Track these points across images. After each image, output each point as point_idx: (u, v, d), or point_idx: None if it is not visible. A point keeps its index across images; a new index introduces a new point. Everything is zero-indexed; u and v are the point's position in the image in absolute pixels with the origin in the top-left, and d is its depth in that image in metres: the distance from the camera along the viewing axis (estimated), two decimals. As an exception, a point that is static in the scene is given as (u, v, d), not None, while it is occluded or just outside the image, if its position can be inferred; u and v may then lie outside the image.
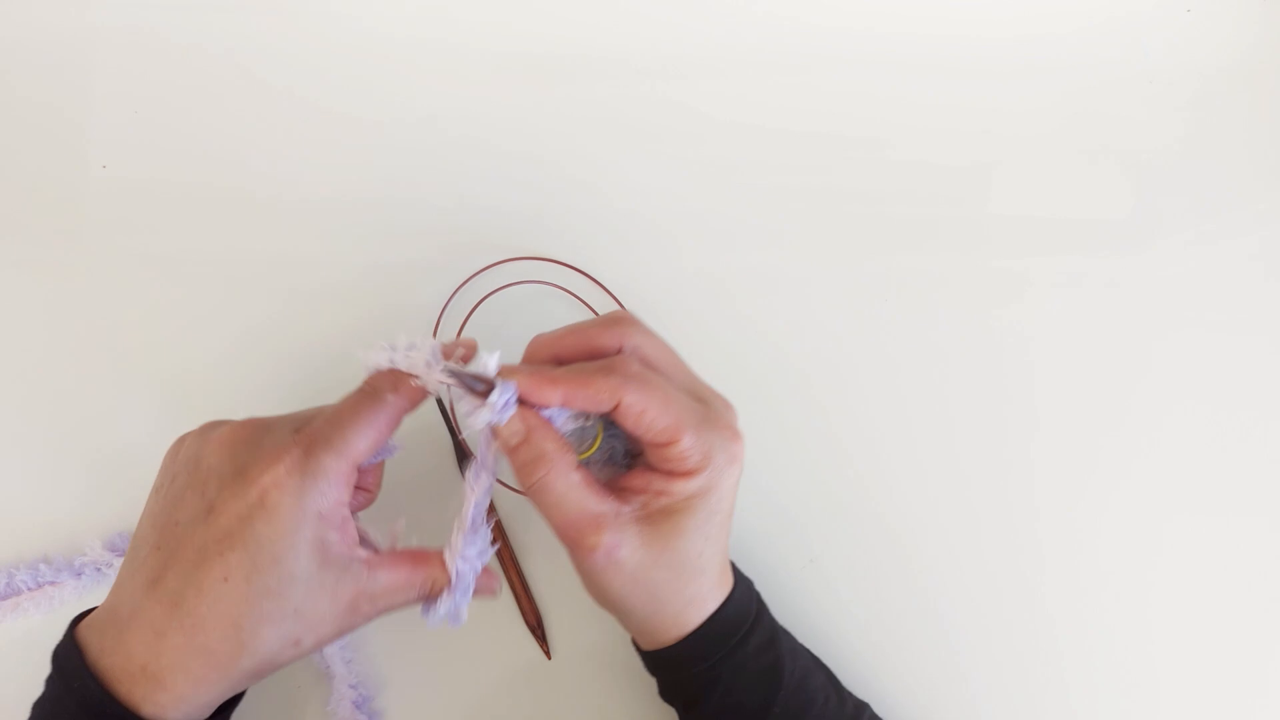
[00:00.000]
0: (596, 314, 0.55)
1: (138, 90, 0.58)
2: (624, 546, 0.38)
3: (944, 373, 0.55)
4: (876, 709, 0.45)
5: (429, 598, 0.40)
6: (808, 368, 0.55)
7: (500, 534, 0.51)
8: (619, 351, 0.39)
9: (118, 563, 0.47)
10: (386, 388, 0.39)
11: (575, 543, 0.38)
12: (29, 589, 0.48)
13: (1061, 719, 0.50)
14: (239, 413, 0.41)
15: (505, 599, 0.50)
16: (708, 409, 0.39)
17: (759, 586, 0.45)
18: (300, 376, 0.53)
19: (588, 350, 0.39)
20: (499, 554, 0.50)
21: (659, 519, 0.38)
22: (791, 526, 0.52)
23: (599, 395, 0.36)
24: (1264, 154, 0.60)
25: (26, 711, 0.39)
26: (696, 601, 0.40)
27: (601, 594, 0.40)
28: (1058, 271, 0.58)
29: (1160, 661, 0.51)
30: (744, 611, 0.42)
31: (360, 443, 0.37)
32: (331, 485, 0.36)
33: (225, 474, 0.37)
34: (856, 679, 0.48)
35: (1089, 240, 0.58)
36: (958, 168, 0.59)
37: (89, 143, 0.57)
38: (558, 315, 0.55)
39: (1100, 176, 0.60)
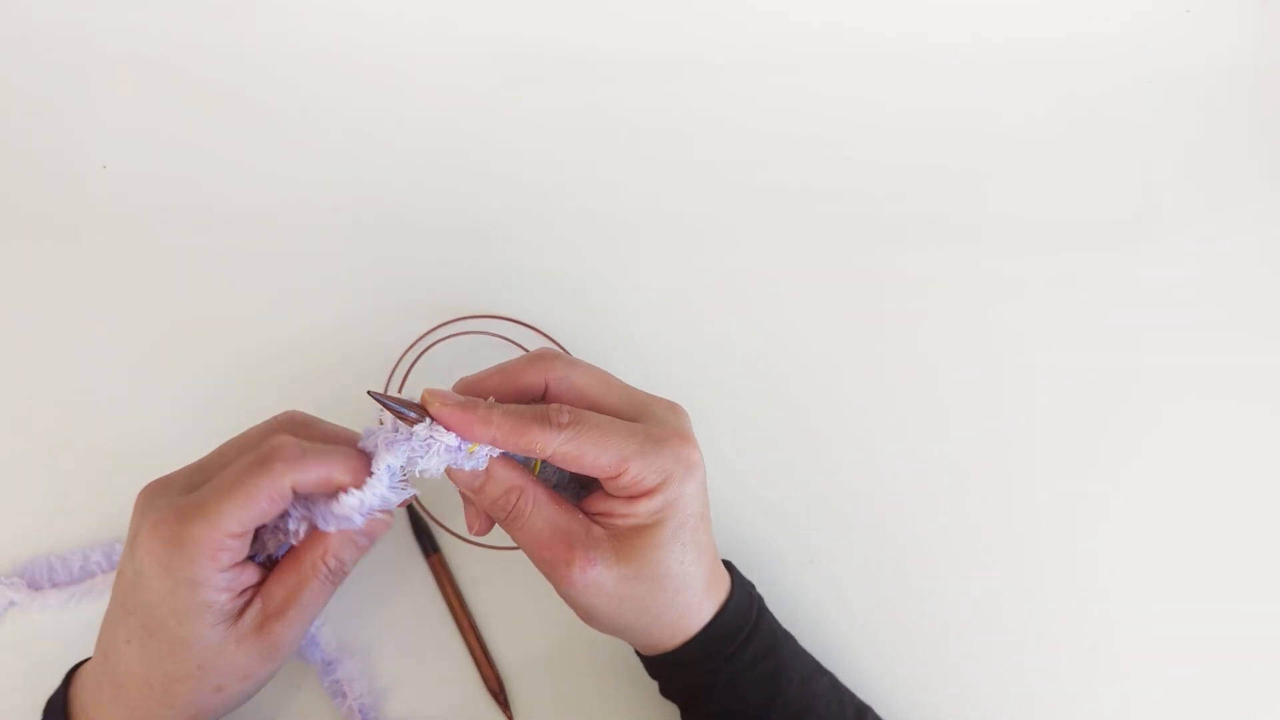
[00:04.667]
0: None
1: (138, 90, 0.58)
2: (599, 564, 0.37)
3: (944, 373, 0.55)
4: (878, 709, 0.45)
5: (336, 576, 0.39)
6: (806, 368, 0.55)
7: (457, 600, 0.49)
8: (545, 389, 0.39)
9: None
10: (281, 459, 0.36)
11: (551, 564, 0.38)
12: (103, 571, 0.48)
13: (1062, 718, 0.51)
14: (254, 408, 0.41)
15: (466, 666, 0.49)
16: (651, 426, 0.38)
17: (760, 587, 0.45)
18: (298, 372, 0.53)
19: (515, 390, 0.38)
20: (456, 619, 0.49)
21: (630, 536, 0.38)
22: (791, 527, 0.52)
23: (532, 445, 0.36)
24: (1264, 154, 0.60)
25: None
26: (691, 609, 0.40)
27: (591, 617, 0.40)
28: (1059, 272, 0.58)
29: (1160, 661, 0.51)
30: (742, 618, 0.42)
31: (235, 514, 0.35)
32: (202, 554, 0.36)
33: (129, 536, 0.38)
34: (858, 679, 0.48)
35: (1089, 241, 0.58)
36: (957, 170, 0.59)
37: (89, 142, 0.57)
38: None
39: (1100, 177, 0.60)
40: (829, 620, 0.50)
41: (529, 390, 0.39)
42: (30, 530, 0.49)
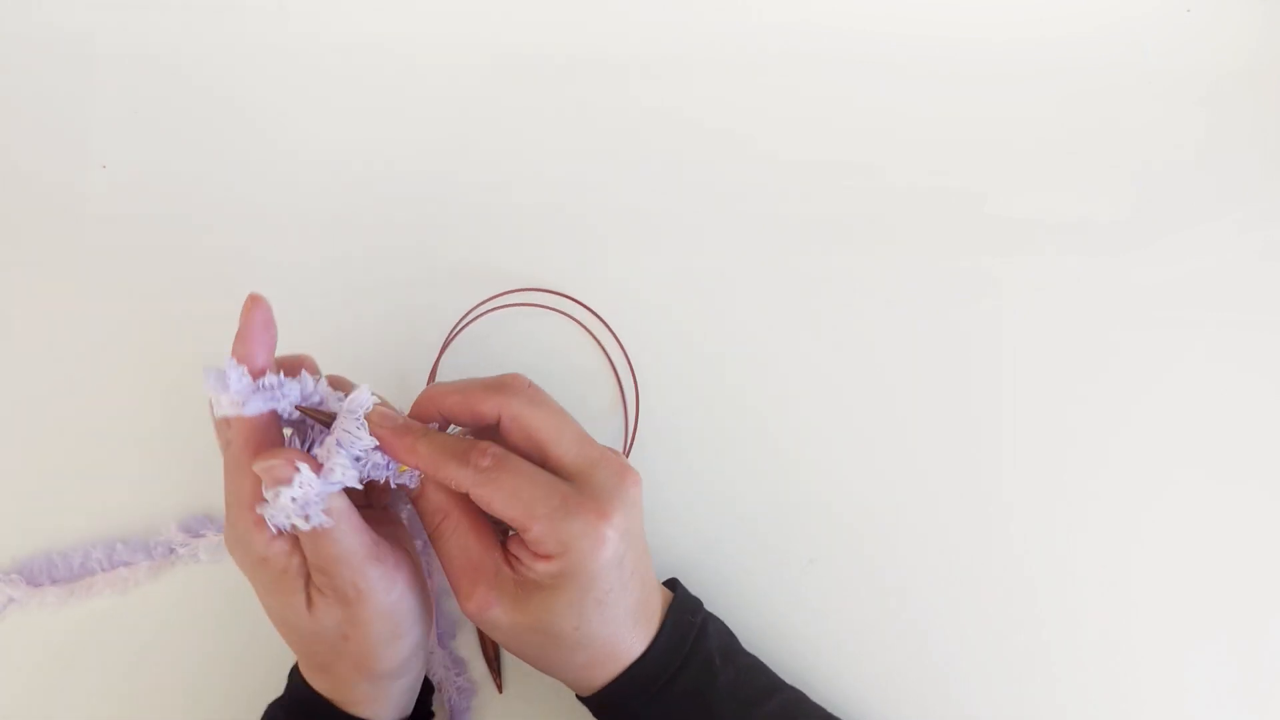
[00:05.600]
0: (599, 337, 0.55)
1: (138, 90, 0.58)
2: (497, 606, 0.38)
3: (943, 374, 0.55)
4: (874, 713, 0.45)
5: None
6: (806, 369, 0.55)
7: None
8: (498, 421, 0.39)
9: (193, 543, 0.49)
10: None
11: (455, 589, 0.39)
12: (103, 570, 0.49)
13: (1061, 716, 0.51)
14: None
15: (466, 631, 0.49)
16: (578, 490, 0.38)
17: (756, 589, 0.45)
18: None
19: (469, 415, 0.39)
20: None
21: (531, 589, 0.38)
22: (789, 528, 0.52)
23: (449, 481, 0.38)
24: (1265, 154, 0.60)
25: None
26: (591, 666, 0.40)
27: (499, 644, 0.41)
28: (1057, 272, 0.57)
29: (1164, 682, 0.51)
30: (661, 666, 0.41)
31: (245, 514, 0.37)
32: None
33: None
34: (856, 681, 0.48)
35: (1088, 241, 0.58)
36: (954, 170, 0.59)
37: (89, 142, 0.57)
38: (548, 340, 0.55)
39: (1100, 177, 0.60)
40: (827, 620, 0.50)
41: (482, 419, 0.39)
42: (30, 527, 0.49)
